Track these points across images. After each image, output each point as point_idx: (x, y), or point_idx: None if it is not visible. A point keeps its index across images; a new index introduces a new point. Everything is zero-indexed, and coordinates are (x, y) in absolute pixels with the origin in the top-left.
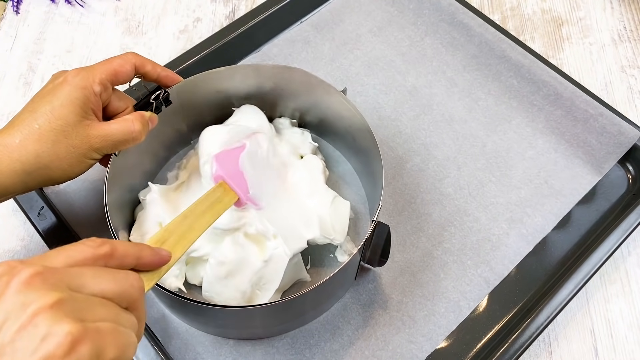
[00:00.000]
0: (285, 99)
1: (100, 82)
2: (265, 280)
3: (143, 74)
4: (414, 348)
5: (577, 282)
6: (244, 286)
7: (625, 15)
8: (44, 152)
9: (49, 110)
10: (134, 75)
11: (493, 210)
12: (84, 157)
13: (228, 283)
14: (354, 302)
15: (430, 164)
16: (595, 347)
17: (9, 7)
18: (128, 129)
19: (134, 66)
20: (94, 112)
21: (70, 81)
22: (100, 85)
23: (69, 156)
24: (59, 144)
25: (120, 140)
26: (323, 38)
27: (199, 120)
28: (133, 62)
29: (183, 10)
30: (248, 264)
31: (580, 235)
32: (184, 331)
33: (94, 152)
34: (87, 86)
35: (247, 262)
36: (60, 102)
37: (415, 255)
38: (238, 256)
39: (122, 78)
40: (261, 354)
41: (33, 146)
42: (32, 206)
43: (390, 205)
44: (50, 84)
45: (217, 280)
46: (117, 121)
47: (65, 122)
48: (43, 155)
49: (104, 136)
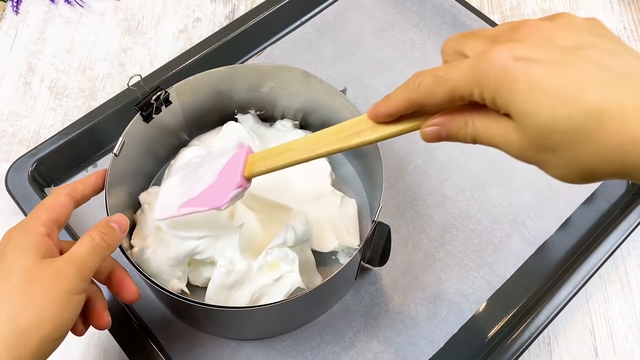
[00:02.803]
0: (286, 99)
1: (42, 224)
2: (269, 296)
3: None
4: (416, 350)
5: (576, 282)
6: (246, 298)
7: (625, 15)
8: (17, 312)
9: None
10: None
11: (495, 213)
12: (68, 293)
13: (233, 294)
14: (355, 304)
15: (432, 166)
16: (595, 347)
17: (9, 7)
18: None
19: (66, 195)
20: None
21: (10, 236)
22: (43, 226)
23: (49, 300)
24: (30, 295)
25: (88, 253)
26: (325, 40)
27: (199, 120)
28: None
29: (183, 10)
30: (258, 278)
31: (580, 236)
32: (185, 333)
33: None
34: (31, 232)
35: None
36: (11, 257)
37: (417, 257)
38: (248, 267)
39: (61, 210)
40: (262, 355)
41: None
42: (32, 206)
43: (392, 207)
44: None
45: (222, 289)
46: (78, 241)
47: (26, 270)
48: (19, 316)
49: (71, 260)
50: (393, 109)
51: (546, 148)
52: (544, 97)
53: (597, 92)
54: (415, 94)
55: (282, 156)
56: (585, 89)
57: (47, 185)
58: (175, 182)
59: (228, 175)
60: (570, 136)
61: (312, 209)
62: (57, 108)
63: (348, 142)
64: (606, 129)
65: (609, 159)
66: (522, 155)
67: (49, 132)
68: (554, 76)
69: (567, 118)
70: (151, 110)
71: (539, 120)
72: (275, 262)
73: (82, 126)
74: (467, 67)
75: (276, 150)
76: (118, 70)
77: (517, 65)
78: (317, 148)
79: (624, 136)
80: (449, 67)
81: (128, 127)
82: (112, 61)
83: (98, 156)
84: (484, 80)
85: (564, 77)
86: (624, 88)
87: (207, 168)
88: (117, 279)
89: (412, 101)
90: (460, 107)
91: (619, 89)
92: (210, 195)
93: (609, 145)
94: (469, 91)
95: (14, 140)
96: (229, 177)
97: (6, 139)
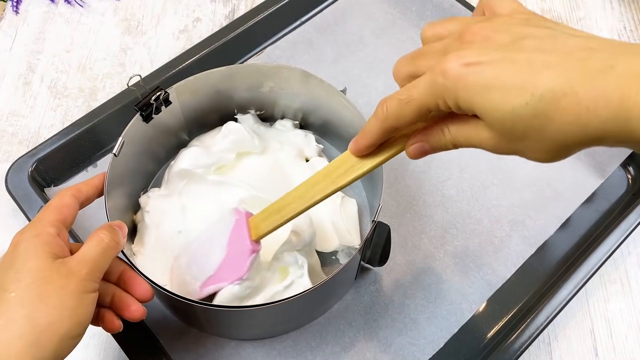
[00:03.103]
0: (286, 99)
1: (51, 225)
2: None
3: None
4: (416, 350)
5: (576, 283)
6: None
7: (625, 15)
8: (33, 311)
9: (14, 273)
10: (78, 206)
11: (495, 213)
12: (80, 292)
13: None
14: (355, 304)
15: (432, 166)
16: (595, 347)
17: (9, 7)
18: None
19: (71, 196)
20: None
21: (21, 238)
22: (52, 226)
23: (65, 300)
24: (45, 294)
25: (99, 254)
26: (325, 40)
27: (199, 120)
28: (68, 194)
29: (183, 10)
30: (269, 286)
31: (580, 235)
32: (185, 332)
33: (87, 281)
34: (41, 232)
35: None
36: (23, 259)
37: (417, 257)
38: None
39: (67, 211)
40: (262, 355)
41: (20, 313)
42: (32, 206)
43: (392, 206)
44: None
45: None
46: (86, 241)
47: (39, 270)
48: (36, 315)
49: (82, 260)
50: (372, 140)
51: (516, 137)
52: (499, 92)
53: (545, 75)
54: (387, 122)
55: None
56: (534, 76)
57: (47, 185)
58: (186, 263)
59: (237, 244)
60: (533, 121)
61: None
62: (57, 108)
63: (342, 181)
64: (562, 106)
65: (574, 132)
66: (498, 149)
67: (49, 132)
68: (503, 71)
69: (525, 105)
70: (151, 110)
71: (500, 114)
72: (284, 266)
73: (82, 126)
74: (425, 84)
75: (275, 207)
76: (118, 70)
77: (468, 70)
78: (314, 195)
79: (579, 108)
80: (409, 89)
81: (128, 127)
82: (112, 61)
83: (98, 156)
84: (444, 92)
85: (512, 70)
86: (568, 66)
87: (213, 243)
88: (129, 277)
89: (386, 128)
90: (435, 119)
91: (563, 67)
92: (227, 268)
93: (569, 120)
94: (434, 104)
95: (14, 140)
96: (239, 246)
97: (6, 139)
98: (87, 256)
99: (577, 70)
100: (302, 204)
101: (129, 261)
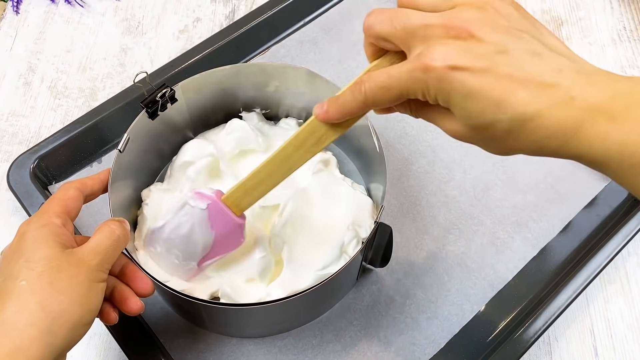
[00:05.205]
0: (291, 98)
1: (56, 215)
2: None
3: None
4: (417, 350)
5: (576, 287)
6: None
7: (625, 15)
8: (46, 299)
9: (25, 262)
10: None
11: (498, 214)
12: (91, 281)
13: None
14: (357, 304)
15: (436, 166)
16: (595, 347)
17: (9, 7)
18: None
19: (76, 189)
20: (69, 243)
21: (27, 228)
22: (58, 217)
23: (76, 288)
24: (57, 282)
25: (110, 245)
26: (331, 39)
27: (203, 117)
28: (73, 187)
29: (183, 10)
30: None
31: (581, 240)
32: (185, 330)
33: (96, 271)
34: (48, 223)
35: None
36: (32, 248)
37: (419, 257)
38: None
39: (71, 203)
40: (263, 353)
41: (33, 300)
42: (34, 203)
43: (395, 206)
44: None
45: None
46: (96, 232)
47: (49, 259)
48: (49, 303)
49: (94, 250)
50: (344, 114)
51: (482, 138)
52: (479, 104)
53: (520, 95)
54: (366, 103)
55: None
56: (511, 94)
57: (49, 182)
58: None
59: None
60: (500, 133)
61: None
62: (57, 108)
63: (318, 149)
64: (529, 127)
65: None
66: (460, 138)
67: (49, 132)
68: (485, 84)
69: (498, 122)
70: (157, 107)
71: (474, 122)
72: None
73: (84, 123)
74: (407, 75)
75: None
76: (118, 70)
77: (453, 75)
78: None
79: (542, 132)
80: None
81: (133, 123)
82: (112, 61)
83: (100, 153)
84: (424, 87)
85: (493, 84)
86: (538, 92)
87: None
88: (131, 271)
89: (364, 108)
90: None
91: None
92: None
93: (532, 139)
94: (413, 95)
95: (14, 141)
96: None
97: (6, 139)
98: (99, 246)
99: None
100: (280, 175)
101: (131, 257)
